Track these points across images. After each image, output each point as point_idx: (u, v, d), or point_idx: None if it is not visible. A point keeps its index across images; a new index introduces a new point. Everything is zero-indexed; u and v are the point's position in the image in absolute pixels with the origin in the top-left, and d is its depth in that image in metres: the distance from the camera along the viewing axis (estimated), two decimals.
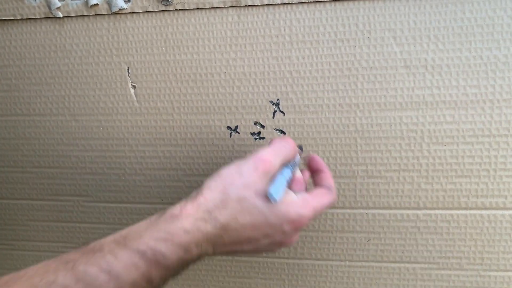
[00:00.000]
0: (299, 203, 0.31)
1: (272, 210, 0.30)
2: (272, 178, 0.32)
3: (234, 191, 0.30)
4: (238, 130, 0.44)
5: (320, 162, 0.37)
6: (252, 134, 0.44)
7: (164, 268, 0.27)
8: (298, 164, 0.36)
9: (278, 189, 0.30)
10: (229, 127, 0.44)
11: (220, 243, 0.30)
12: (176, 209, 0.29)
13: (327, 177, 0.36)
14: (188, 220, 0.28)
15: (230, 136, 0.44)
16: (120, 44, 0.44)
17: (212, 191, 0.30)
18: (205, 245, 0.29)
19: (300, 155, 0.38)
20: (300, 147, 0.39)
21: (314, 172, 0.37)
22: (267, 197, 0.30)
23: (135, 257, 0.26)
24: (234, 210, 0.30)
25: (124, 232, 0.28)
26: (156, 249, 0.27)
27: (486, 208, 0.42)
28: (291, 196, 0.32)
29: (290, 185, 0.34)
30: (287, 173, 0.33)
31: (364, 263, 0.45)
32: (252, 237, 0.31)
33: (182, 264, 0.29)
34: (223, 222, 0.29)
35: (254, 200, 0.30)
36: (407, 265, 0.45)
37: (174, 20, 0.43)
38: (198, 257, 0.30)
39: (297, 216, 0.31)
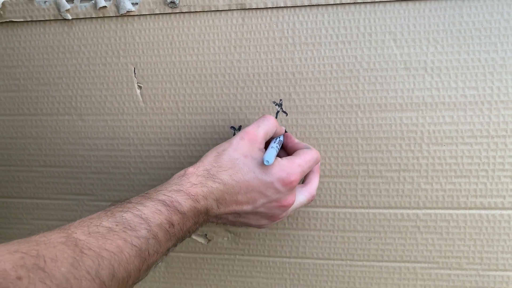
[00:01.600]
0: (285, 162, 0.37)
1: (261, 169, 0.36)
2: (262, 150, 0.38)
3: (226, 155, 0.37)
4: None
5: (293, 138, 0.43)
6: None
7: (181, 215, 0.33)
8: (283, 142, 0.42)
9: (270, 156, 0.36)
10: (232, 127, 0.45)
11: (222, 200, 0.35)
12: (181, 172, 0.36)
13: (302, 143, 0.42)
14: (192, 176, 0.35)
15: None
16: (127, 45, 0.45)
17: (208, 157, 0.37)
18: (210, 199, 0.35)
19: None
20: (285, 130, 0.44)
21: (290, 149, 0.43)
22: (257, 161, 0.36)
23: (158, 204, 0.32)
24: (228, 169, 0.36)
25: (145, 192, 0.34)
26: (172, 198, 0.33)
27: (485, 208, 0.43)
28: (278, 159, 0.37)
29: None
30: (275, 146, 0.39)
31: (365, 262, 0.46)
32: (249, 196, 0.36)
33: (195, 214, 0.34)
34: (221, 178, 0.35)
35: (244, 160, 0.36)
36: (407, 264, 0.45)
37: (180, 22, 0.44)
38: (206, 211, 0.35)
39: (284, 173, 0.36)
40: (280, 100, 0.44)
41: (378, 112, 0.42)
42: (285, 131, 0.44)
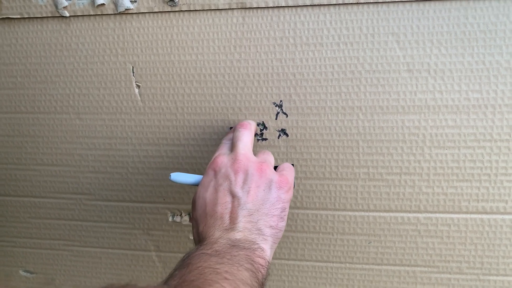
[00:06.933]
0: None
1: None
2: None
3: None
4: None
5: None
6: (255, 135, 0.44)
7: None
8: None
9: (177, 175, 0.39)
10: (232, 128, 0.45)
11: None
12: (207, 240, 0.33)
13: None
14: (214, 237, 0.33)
15: None
16: (126, 44, 0.45)
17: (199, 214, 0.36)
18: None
19: None
20: None
21: None
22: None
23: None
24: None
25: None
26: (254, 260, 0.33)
27: (486, 213, 0.42)
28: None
29: None
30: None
31: (364, 266, 0.45)
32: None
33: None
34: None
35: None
36: (407, 268, 0.45)
37: (180, 21, 0.43)
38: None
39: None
40: (281, 101, 0.43)
41: (379, 114, 0.42)
42: None
